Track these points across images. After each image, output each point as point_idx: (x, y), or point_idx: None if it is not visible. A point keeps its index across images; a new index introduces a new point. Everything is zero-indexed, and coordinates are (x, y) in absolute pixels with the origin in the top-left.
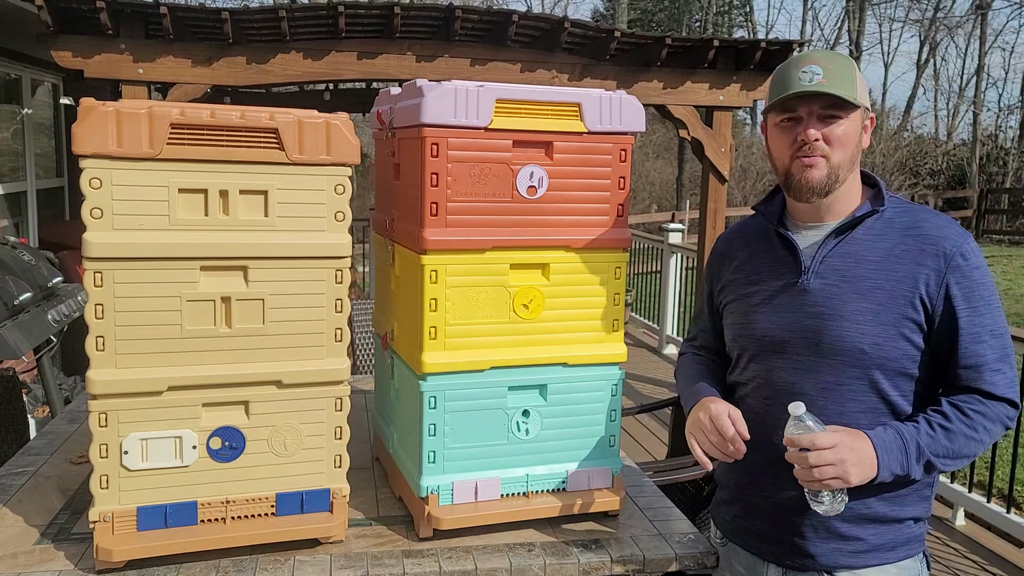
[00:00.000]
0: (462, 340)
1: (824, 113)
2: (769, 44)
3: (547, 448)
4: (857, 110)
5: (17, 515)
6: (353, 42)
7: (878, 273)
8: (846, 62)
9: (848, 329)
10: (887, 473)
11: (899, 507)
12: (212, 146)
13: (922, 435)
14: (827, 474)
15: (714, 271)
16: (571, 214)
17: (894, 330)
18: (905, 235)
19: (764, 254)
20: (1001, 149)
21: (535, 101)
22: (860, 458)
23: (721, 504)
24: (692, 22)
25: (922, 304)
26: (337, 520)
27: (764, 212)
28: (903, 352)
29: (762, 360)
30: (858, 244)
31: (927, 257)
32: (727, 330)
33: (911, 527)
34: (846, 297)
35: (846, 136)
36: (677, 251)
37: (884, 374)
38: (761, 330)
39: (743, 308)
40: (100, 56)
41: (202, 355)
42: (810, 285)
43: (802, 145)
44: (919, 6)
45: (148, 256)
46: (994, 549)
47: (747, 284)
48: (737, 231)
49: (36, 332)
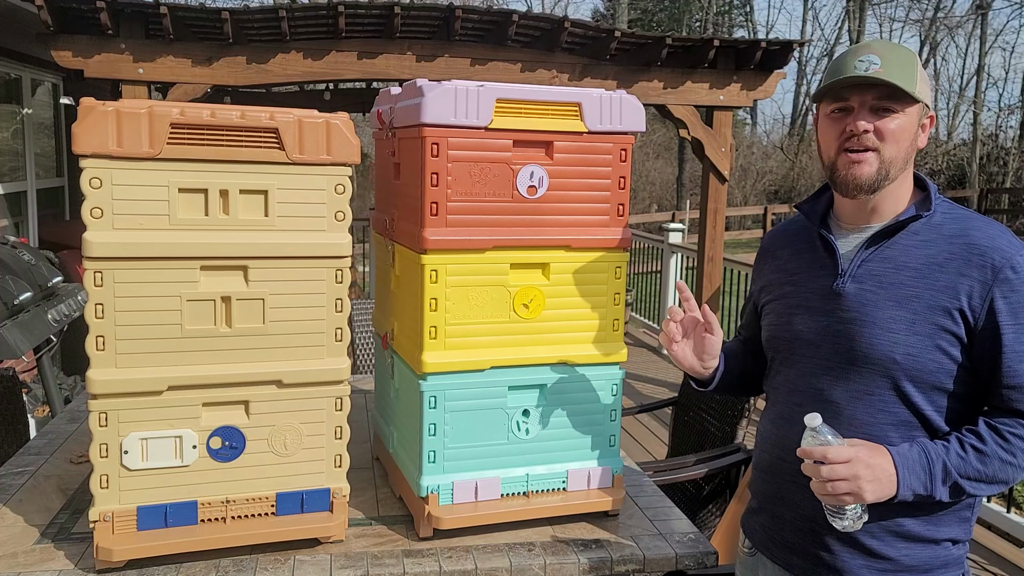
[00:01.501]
0: (462, 340)
1: (878, 104)
2: (769, 44)
3: (547, 448)
4: (915, 105)
5: (17, 514)
6: (353, 42)
7: (917, 281)
8: (907, 54)
9: (880, 337)
10: (907, 492)
11: (934, 527)
12: (212, 146)
13: (951, 455)
14: (840, 489)
15: (758, 269)
16: (571, 214)
17: (929, 341)
18: (952, 243)
19: (805, 254)
20: (1001, 149)
21: (535, 101)
22: (876, 475)
23: (752, 513)
24: (692, 22)
25: (962, 316)
26: (337, 520)
27: (807, 211)
28: (939, 365)
29: (791, 364)
30: (899, 249)
31: (972, 268)
32: (764, 331)
33: (949, 549)
34: (881, 304)
35: (900, 131)
36: (677, 251)
37: (917, 387)
38: (794, 332)
39: (779, 309)
40: (100, 56)
41: (202, 355)
42: (845, 289)
43: (851, 137)
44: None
45: (148, 256)
46: (994, 549)
47: (785, 284)
48: (782, 229)
49: (36, 332)
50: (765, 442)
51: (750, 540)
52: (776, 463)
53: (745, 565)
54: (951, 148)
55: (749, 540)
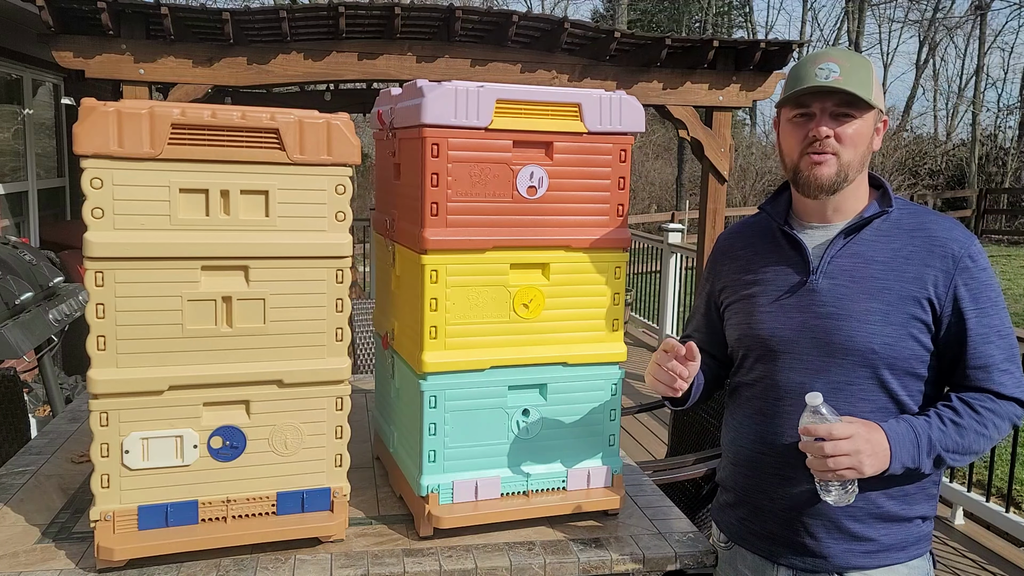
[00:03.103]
0: (462, 340)
1: (837, 111)
2: (769, 45)
3: (547, 447)
4: (871, 111)
5: (18, 514)
6: (354, 43)
7: (887, 273)
8: (863, 62)
9: (858, 329)
10: (898, 465)
11: (908, 506)
12: (213, 146)
13: (933, 429)
14: (842, 464)
15: (715, 270)
16: (571, 214)
17: (903, 330)
18: (913, 236)
19: (769, 254)
20: (1000, 149)
21: (535, 101)
22: (875, 449)
23: (726, 507)
24: (692, 23)
25: (930, 305)
26: (337, 519)
27: (769, 211)
28: (912, 352)
29: (769, 360)
30: (866, 245)
31: (935, 258)
32: (730, 330)
33: (919, 526)
34: (855, 297)
35: (858, 135)
36: (677, 251)
37: (893, 374)
38: (768, 330)
39: (748, 308)
40: (101, 56)
41: (203, 355)
42: (819, 285)
43: (813, 141)
44: (918, 7)
45: (149, 256)
46: (993, 548)
47: (752, 284)
48: (739, 230)
49: (37, 331)
50: (743, 437)
51: (725, 534)
52: (758, 457)
53: (722, 559)
54: (950, 148)
55: (724, 534)
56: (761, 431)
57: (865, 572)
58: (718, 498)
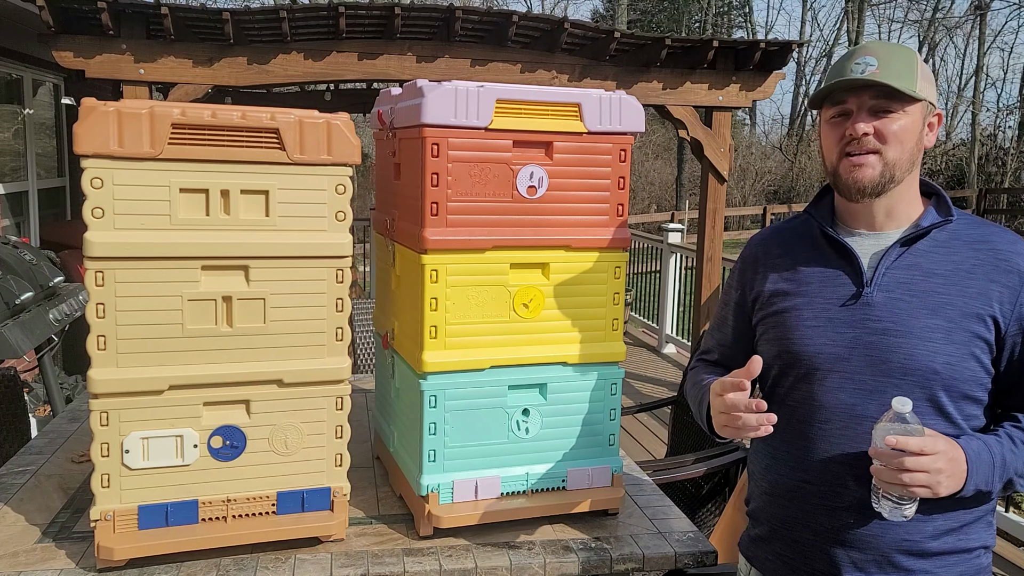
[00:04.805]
0: (462, 339)
1: (877, 106)
2: (768, 45)
3: (547, 447)
4: (917, 103)
5: (18, 514)
6: (354, 43)
7: (948, 288)
8: (907, 53)
9: (919, 347)
10: (972, 487)
11: (967, 536)
12: (213, 146)
13: (1006, 450)
14: (918, 480)
15: (747, 278)
16: (571, 214)
17: (965, 350)
18: (976, 249)
19: (813, 262)
20: (1000, 149)
21: (535, 101)
22: (955, 470)
23: (759, 541)
24: (691, 23)
25: (994, 323)
26: (338, 519)
27: (814, 214)
28: (972, 374)
29: (813, 380)
30: (924, 256)
31: (1000, 274)
32: (766, 345)
33: (979, 557)
34: (915, 313)
35: (903, 131)
36: (676, 251)
37: (950, 397)
38: (815, 347)
39: (789, 322)
40: (101, 56)
41: (203, 354)
42: (874, 298)
43: (851, 141)
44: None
45: (149, 256)
46: (994, 548)
47: (793, 295)
48: (774, 235)
49: (37, 331)
50: (781, 464)
51: (759, 570)
52: (799, 486)
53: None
54: (950, 148)
55: (757, 569)
56: (802, 457)
57: None
58: (748, 531)
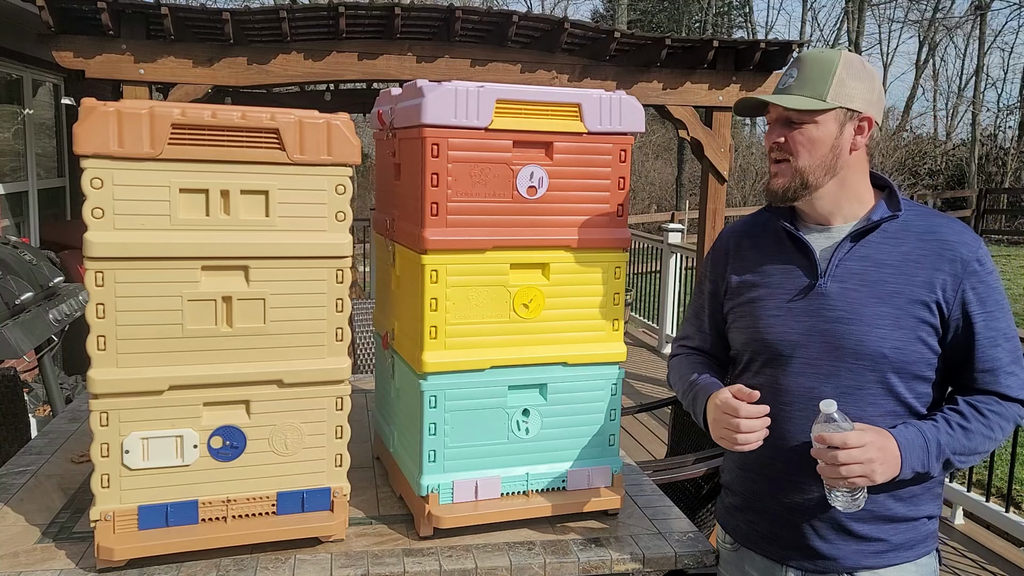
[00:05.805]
0: (462, 339)
1: (788, 117)
2: (768, 45)
3: (547, 447)
4: (828, 112)
5: (18, 514)
6: (354, 43)
7: (896, 277)
8: (825, 61)
9: (868, 333)
10: (909, 471)
11: (915, 506)
12: (213, 146)
13: (942, 433)
14: (854, 472)
15: (718, 270)
16: (571, 214)
17: (912, 334)
18: (924, 240)
19: (776, 255)
20: (1000, 149)
21: (535, 101)
22: (886, 457)
23: (733, 510)
24: (691, 23)
25: (938, 308)
26: (338, 519)
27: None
28: (920, 356)
29: (776, 365)
30: (874, 247)
31: (945, 262)
32: (736, 334)
33: (926, 524)
34: (865, 301)
35: (810, 141)
36: (677, 251)
37: (901, 378)
38: (777, 334)
39: (755, 311)
40: (101, 56)
41: (203, 354)
42: (827, 289)
43: (770, 151)
44: (918, 7)
45: (149, 256)
46: (993, 548)
47: (758, 286)
48: (743, 229)
49: (37, 331)
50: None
51: (732, 536)
52: (766, 462)
53: (728, 561)
54: (950, 148)
55: (731, 536)
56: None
57: (875, 572)
58: (723, 500)
